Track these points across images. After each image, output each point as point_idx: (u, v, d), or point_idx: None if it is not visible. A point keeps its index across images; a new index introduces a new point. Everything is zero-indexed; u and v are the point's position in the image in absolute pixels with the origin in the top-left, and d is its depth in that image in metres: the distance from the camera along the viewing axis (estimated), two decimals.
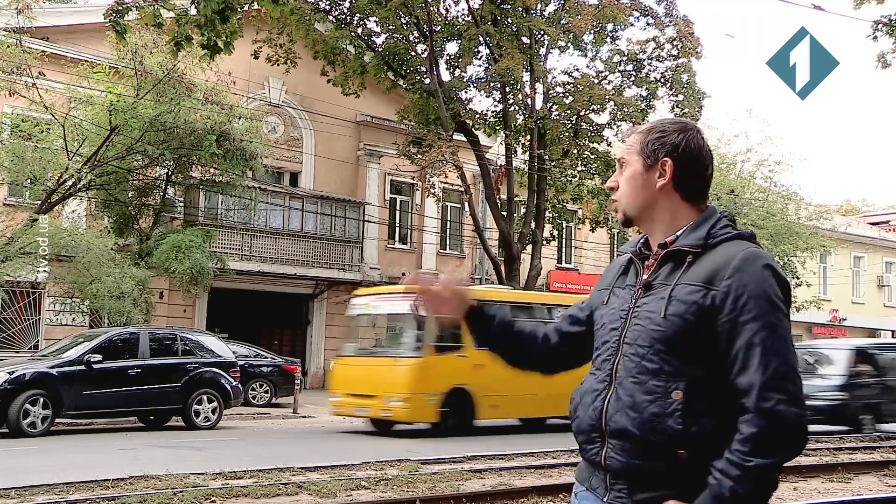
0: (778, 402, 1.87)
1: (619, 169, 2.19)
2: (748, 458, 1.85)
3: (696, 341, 1.96)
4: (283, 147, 26.09)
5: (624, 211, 2.17)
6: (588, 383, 2.15)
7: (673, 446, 1.93)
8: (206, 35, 7.41)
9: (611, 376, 2.06)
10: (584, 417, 2.10)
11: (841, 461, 12.14)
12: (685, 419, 1.93)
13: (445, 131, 23.04)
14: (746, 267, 1.96)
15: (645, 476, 1.98)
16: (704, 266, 2.01)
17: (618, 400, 2.02)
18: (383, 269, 27.68)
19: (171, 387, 15.14)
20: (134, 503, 7.93)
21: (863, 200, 65.16)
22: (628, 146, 2.18)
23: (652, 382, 1.98)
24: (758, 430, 1.86)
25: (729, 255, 1.99)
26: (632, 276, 2.17)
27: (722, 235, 2.05)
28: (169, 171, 20.19)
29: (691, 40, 24.69)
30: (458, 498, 8.51)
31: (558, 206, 26.89)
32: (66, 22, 21.65)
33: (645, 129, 2.19)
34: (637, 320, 2.05)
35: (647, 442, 1.96)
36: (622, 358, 2.05)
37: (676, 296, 2.00)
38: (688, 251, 2.04)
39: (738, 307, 1.93)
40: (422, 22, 23.61)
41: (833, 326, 40.31)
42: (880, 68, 14.68)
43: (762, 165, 29.99)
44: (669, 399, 1.95)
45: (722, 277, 1.96)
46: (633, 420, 1.97)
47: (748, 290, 1.93)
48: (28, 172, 17.53)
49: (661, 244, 2.11)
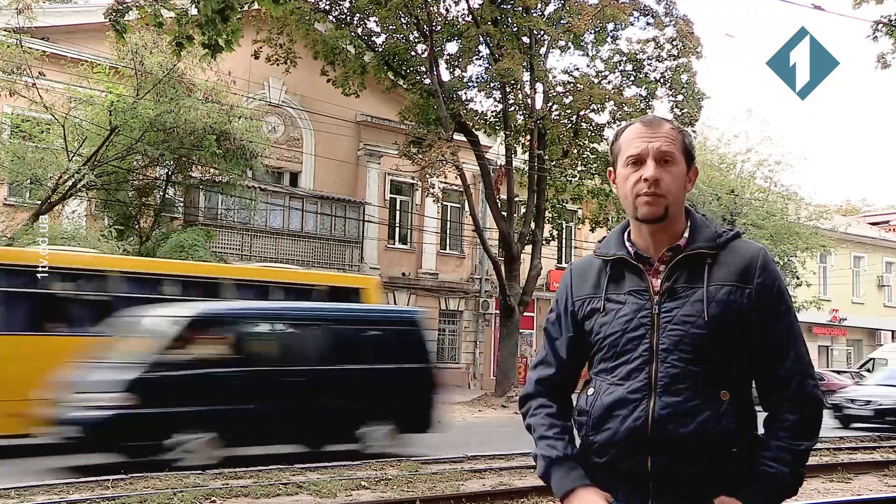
0: (814, 386, 2.04)
1: (664, 163, 2.07)
2: (798, 443, 2.00)
3: (736, 339, 2.02)
4: (283, 147, 26.08)
5: (668, 207, 2.07)
6: (612, 394, 2.05)
7: (729, 446, 1.99)
8: (207, 34, 7.41)
9: (648, 385, 2.01)
10: (621, 429, 2.02)
11: (841, 461, 12.15)
12: (736, 418, 2.00)
13: (445, 131, 23.04)
14: (768, 264, 2.07)
15: (699, 479, 1.99)
16: (728, 266, 2.05)
17: (665, 408, 1.98)
18: (383, 269, 27.67)
19: None
20: (134, 503, 7.93)
21: (863, 200, 65.20)
22: (670, 139, 2.09)
23: (701, 386, 1.99)
24: (801, 416, 2.01)
25: (749, 253, 2.08)
26: (633, 282, 2.10)
27: (725, 235, 2.11)
28: (169, 171, 20.18)
29: (691, 40, 24.68)
30: (458, 498, 8.52)
31: (558, 206, 26.89)
32: (66, 22, 21.62)
33: (677, 126, 2.14)
34: (674, 326, 2.02)
35: (705, 446, 1.97)
36: (661, 364, 2.01)
37: (713, 297, 2.02)
38: (706, 253, 2.07)
39: (772, 300, 2.05)
40: (422, 22, 23.61)
41: (833, 326, 40.33)
42: (880, 68, 14.69)
43: (762, 165, 30.03)
44: (719, 400, 1.99)
45: (753, 275, 2.04)
46: (689, 426, 1.97)
47: (776, 284, 2.07)
48: (28, 173, 17.51)
49: (674, 248, 2.09)
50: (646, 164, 2.06)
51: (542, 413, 2.19)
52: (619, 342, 2.07)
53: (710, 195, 28.28)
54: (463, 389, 28.10)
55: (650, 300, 2.06)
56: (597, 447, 2.08)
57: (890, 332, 42.73)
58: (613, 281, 2.13)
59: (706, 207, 28.12)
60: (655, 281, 2.08)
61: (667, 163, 2.07)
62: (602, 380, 2.10)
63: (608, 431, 2.05)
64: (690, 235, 2.10)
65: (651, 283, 2.08)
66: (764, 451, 2.00)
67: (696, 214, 2.16)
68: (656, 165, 2.06)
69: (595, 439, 2.08)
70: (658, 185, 2.05)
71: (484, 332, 30.65)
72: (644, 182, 2.05)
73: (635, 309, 2.07)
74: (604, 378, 2.09)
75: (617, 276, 2.13)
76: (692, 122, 25.40)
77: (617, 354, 2.07)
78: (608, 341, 2.09)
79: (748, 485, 1.99)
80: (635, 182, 2.07)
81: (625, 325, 2.06)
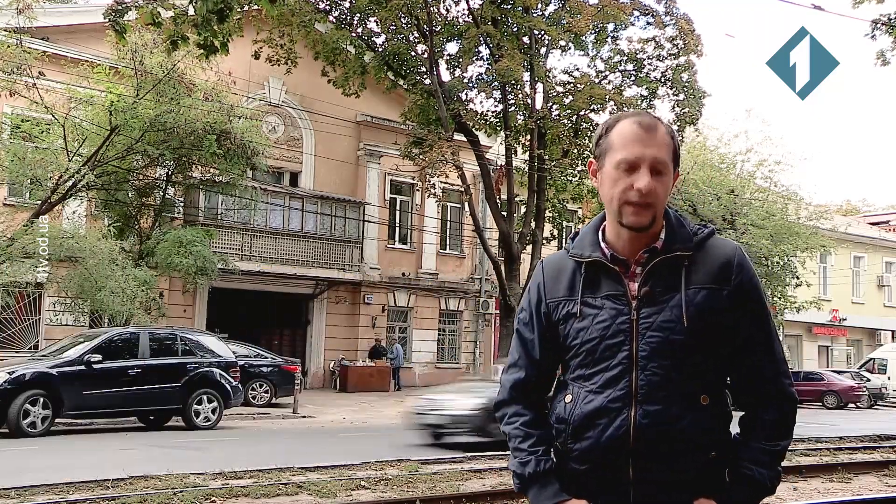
0: (790, 385, 2.04)
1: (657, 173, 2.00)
2: (776, 443, 2.00)
3: (715, 340, 2.01)
4: (283, 147, 26.08)
5: (655, 216, 2.01)
6: (591, 403, 2.01)
7: (708, 450, 1.99)
8: (203, 35, 7.38)
9: (629, 394, 1.97)
10: (602, 438, 1.98)
11: (841, 461, 12.16)
12: (716, 422, 2.00)
13: (445, 131, 23.04)
14: (745, 263, 2.04)
15: (679, 484, 1.98)
16: (704, 266, 2.02)
17: (647, 416, 1.95)
18: (383, 268, 27.70)
19: (170, 387, 15.13)
20: (134, 503, 7.93)
21: (863, 200, 65.27)
22: (665, 146, 2.03)
23: (683, 393, 1.98)
24: (779, 416, 2.01)
25: (725, 252, 2.05)
26: (609, 286, 2.04)
27: (701, 234, 2.08)
28: (169, 171, 20.17)
29: (692, 38, 24.66)
30: (458, 498, 8.52)
31: (558, 205, 26.89)
32: (66, 22, 21.63)
33: (668, 128, 2.06)
34: (653, 333, 1.98)
35: (686, 452, 1.97)
36: (641, 373, 1.97)
37: (692, 301, 1.98)
38: (683, 255, 2.03)
39: (749, 300, 2.03)
40: (422, 22, 23.60)
41: (833, 326, 40.33)
42: (880, 65, 14.68)
43: (762, 165, 29.97)
44: (699, 405, 1.99)
45: (729, 275, 2.02)
46: (672, 433, 1.95)
47: (752, 283, 2.04)
48: (28, 173, 17.51)
49: (651, 250, 2.03)
50: (639, 173, 1.98)
51: (517, 423, 2.13)
52: (598, 349, 2.01)
53: (710, 195, 28.23)
54: None
55: (628, 305, 2.01)
56: (576, 455, 2.03)
57: (890, 332, 42.74)
58: (589, 284, 2.06)
59: (706, 207, 28.09)
60: (633, 285, 2.03)
61: (660, 173, 2.00)
62: (580, 386, 2.04)
63: (589, 440, 2.00)
64: (667, 237, 2.05)
65: (628, 286, 2.03)
66: (742, 452, 2.01)
67: (671, 213, 2.09)
68: (651, 176, 1.98)
69: (575, 447, 2.03)
70: (649, 196, 1.98)
71: (484, 332, 30.65)
72: (636, 191, 1.97)
73: (613, 315, 2.01)
74: (581, 385, 2.04)
75: (592, 279, 2.06)
76: (693, 121, 25.39)
77: (595, 361, 2.02)
78: (585, 348, 2.03)
79: (727, 486, 1.99)
80: (626, 188, 1.99)
81: (603, 331, 2.01)
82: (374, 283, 27.46)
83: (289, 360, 22.10)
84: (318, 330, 26.99)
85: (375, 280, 27.42)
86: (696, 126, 26.46)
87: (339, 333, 27.05)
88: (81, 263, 17.27)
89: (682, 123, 24.97)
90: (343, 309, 27.23)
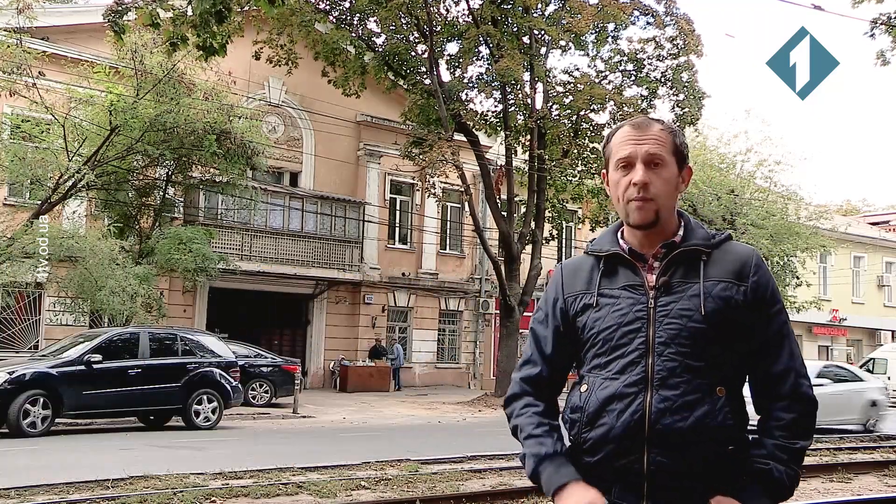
0: (808, 386, 2.04)
1: (653, 166, 2.05)
2: (794, 442, 1.99)
3: (731, 335, 2.02)
4: (283, 147, 26.07)
5: (658, 211, 2.05)
6: (606, 388, 2.02)
7: (725, 443, 1.98)
8: (201, 36, 7.37)
9: (645, 379, 1.98)
10: (617, 425, 1.98)
11: (841, 461, 12.15)
12: (732, 415, 1.99)
13: (445, 131, 23.04)
14: (762, 265, 2.08)
15: (694, 477, 1.96)
16: (723, 263, 2.06)
17: (663, 401, 1.95)
18: (383, 268, 27.69)
19: (171, 387, 15.13)
20: (134, 503, 7.93)
21: (863, 200, 65.27)
22: (660, 141, 2.07)
23: (698, 381, 1.98)
24: (797, 415, 2.01)
25: (743, 253, 2.08)
26: (627, 277, 2.08)
27: (719, 236, 2.12)
28: (169, 171, 20.18)
29: (692, 38, 24.66)
30: (458, 498, 8.51)
31: (558, 205, 26.87)
32: (66, 22, 21.63)
33: (667, 127, 2.12)
34: (671, 319, 2.00)
35: (702, 442, 1.95)
36: (658, 359, 1.98)
37: (710, 293, 2.01)
38: (702, 250, 2.06)
39: (766, 300, 2.05)
40: (422, 22, 23.60)
41: (833, 326, 40.33)
42: (880, 65, 14.70)
43: (762, 165, 29.97)
44: (716, 396, 1.98)
45: (748, 273, 2.04)
46: (687, 420, 1.95)
47: (770, 284, 2.06)
48: (28, 173, 17.50)
49: (668, 244, 2.08)
50: (634, 168, 2.05)
51: (529, 412, 2.14)
52: (614, 336, 2.03)
53: (710, 195, 28.23)
54: (463, 389, 28.14)
55: (646, 294, 2.04)
56: (590, 445, 2.03)
57: (890, 332, 42.73)
58: (607, 276, 2.10)
59: (706, 207, 28.09)
60: (650, 276, 2.06)
61: (656, 165, 2.05)
62: (596, 375, 2.05)
63: (603, 427, 2.00)
64: (685, 233, 2.10)
65: (646, 278, 2.06)
66: (759, 449, 2.00)
67: (689, 217, 2.15)
68: (645, 169, 2.04)
69: (589, 436, 2.03)
70: (647, 189, 2.03)
71: (484, 332, 30.66)
72: (633, 186, 2.04)
73: (630, 303, 2.04)
74: (597, 374, 2.05)
75: (610, 272, 2.10)
76: (693, 122, 25.39)
77: (612, 349, 2.03)
78: (602, 335, 2.05)
79: (745, 484, 1.97)
80: (626, 186, 2.06)
81: (620, 318, 2.03)
82: (374, 283, 27.46)
83: (289, 360, 22.10)
84: (318, 330, 26.99)
85: (375, 280, 27.42)
86: (696, 126, 26.45)
87: (339, 333, 27.06)
88: (81, 263, 17.26)
89: (682, 123, 24.95)
90: (343, 309, 27.23)
